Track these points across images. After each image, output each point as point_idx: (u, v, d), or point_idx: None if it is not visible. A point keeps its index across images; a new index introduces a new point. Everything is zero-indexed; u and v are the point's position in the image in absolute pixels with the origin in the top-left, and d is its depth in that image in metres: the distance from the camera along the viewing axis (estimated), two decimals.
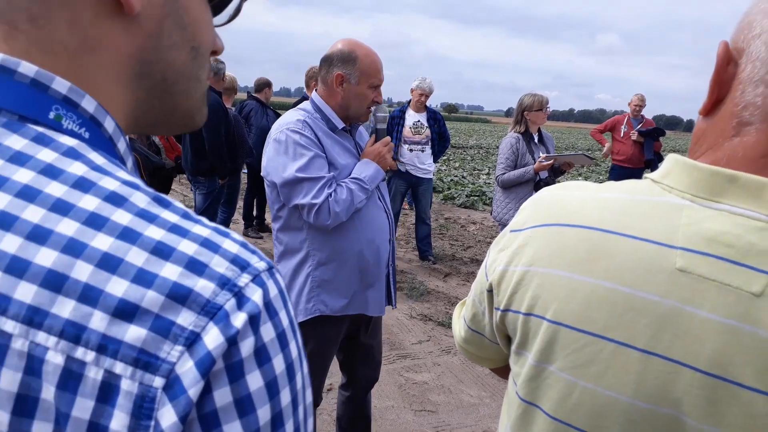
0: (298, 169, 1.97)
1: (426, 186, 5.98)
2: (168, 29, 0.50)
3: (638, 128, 7.13)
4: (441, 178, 12.85)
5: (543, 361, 0.73)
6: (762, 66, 0.62)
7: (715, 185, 0.64)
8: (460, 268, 6.17)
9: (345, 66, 2.07)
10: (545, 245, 0.73)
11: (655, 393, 0.64)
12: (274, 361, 0.41)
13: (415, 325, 4.54)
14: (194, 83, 0.55)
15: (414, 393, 3.48)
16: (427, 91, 5.78)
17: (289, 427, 0.43)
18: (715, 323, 0.61)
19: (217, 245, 0.42)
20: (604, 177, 14.16)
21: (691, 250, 0.63)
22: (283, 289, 0.44)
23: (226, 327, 0.39)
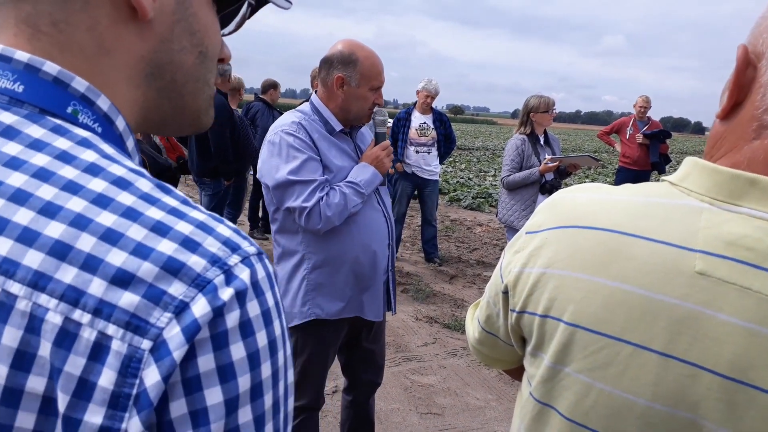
0: (289, 171, 1.95)
1: (432, 188, 5.97)
2: (178, 34, 0.55)
3: (644, 130, 7.10)
4: (447, 179, 12.84)
5: (559, 362, 0.73)
6: None
7: (735, 188, 0.63)
8: (466, 270, 6.16)
9: (345, 68, 2.05)
10: (562, 247, 0.73)
11: (673, 396, 0.64)
12: (257, 335, 0.45)
13: (420, 327, 4.53)
14: (202, 85, 0.59)
15: (420, 396, 3.47)
16: (433, 92, 5.77)
17: (267, 399, 0.46)
18: (734, 327, 0.60)
19: (212, 228, 0.46)
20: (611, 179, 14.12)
21: (711, 254, 0.62)
22: (271, 274, 0.48)
23: (213, 299, 0.43)
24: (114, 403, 0.40)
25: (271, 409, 0.47)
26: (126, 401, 0.40)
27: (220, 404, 0.43)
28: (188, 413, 0.42)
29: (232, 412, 0.44)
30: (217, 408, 0.43)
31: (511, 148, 4.40)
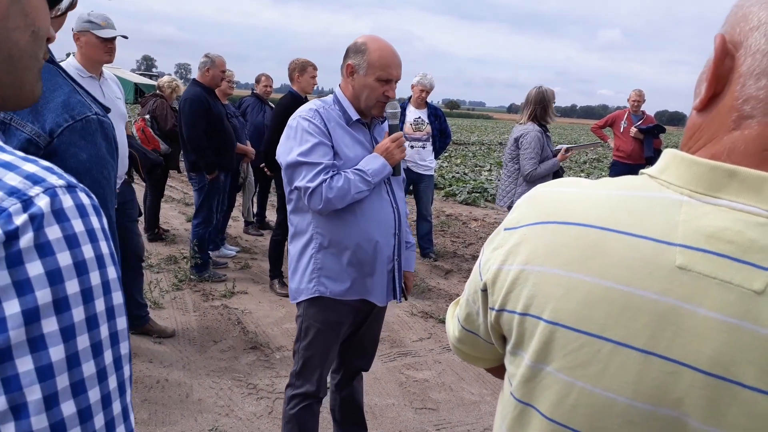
0: (300, 153, 2.07)
1: (427, 183, 5.96)
2: (13, 14, 0.61)
3: (638, 125, 7.09)
4: (442, 174, 12.82)
5: (540, 361, 0.71)
6: (763, 58, 0.61)
7: (714, 180, 0.62)
8: (462, 265, 6.16)
9: (355, 56, 2.15)
10: (541, 243, 0.71)
11: (655, 393, 0.63)
12: (58, 255, 0.50)
13: (416, 322, 4.53)
14: (34, 61, 0.66)
15: (415, 391, 3.47)
16: (428, 87, 5.75)
17: (77, 313, 0.51)
18: (715, 322, 0.59)
19: (16, 166, 0.52)
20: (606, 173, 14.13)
21: (691, 247, 0.61)
22: (85, 204, 0.54)
23: (6, 224, 0.48)
24: None
25: (84, 323, 0.52)
26: None
27: (17, 314, 0.48)
28: None
29: (34, 322, 0.49)
30: (15, 317, 0.48)
31: (533, 140, 4.31)
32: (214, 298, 4.73)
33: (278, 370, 3.58)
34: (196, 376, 3.42)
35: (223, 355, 3.75)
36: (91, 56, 3.21)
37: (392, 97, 2.20)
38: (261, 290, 5.02)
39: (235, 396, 3.24)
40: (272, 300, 4.80)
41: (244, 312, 4.49)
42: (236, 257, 5.90)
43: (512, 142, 4.53)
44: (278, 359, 3.73)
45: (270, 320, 4.37)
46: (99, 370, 0.53)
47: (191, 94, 4.91)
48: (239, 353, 3.79)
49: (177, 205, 8.31)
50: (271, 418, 3.05)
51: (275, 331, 4.19)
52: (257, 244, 6.50)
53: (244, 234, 6.91)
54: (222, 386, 3.34)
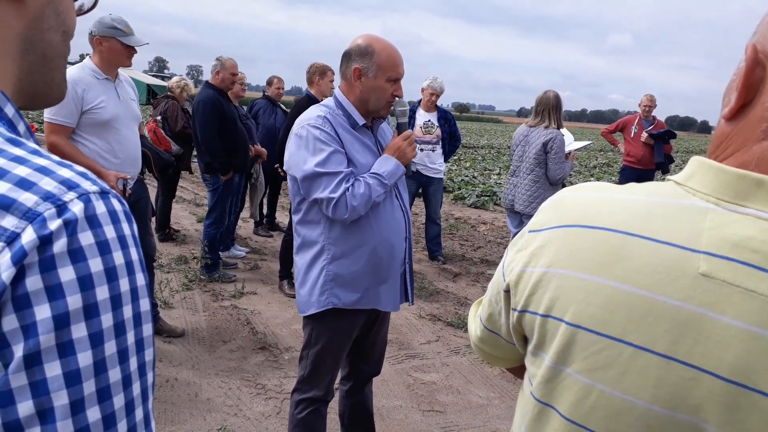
0: (317, 164, 2.01)
1: (436, 186, 5.97)
2: (48, 15, 0.62)
3: (648, 130, 7.06)
4: (451, 177, 12.82)
5: (560, 363, 0.72)
6: None
7: (741, 189, 0.62)
8: (470, 269, 6.16)
9: (362, 60, 2.10)
10: (564, 247, 0.72)
11: (674, 399, 0.63)
12: (90, 261, 0.50)
13: (424, 325, 4.54)
14: (63, 61, 0.67)
15: (422, 393, 3.48)
16: (438, 90, 5.76)
17: (106, 319, 0.51)
18: (738, 330, 0.59)
19: (52, 171, 0.52)
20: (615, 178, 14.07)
21: (715, 255, 0.61)
22: (117, 211, 0.54)
23: (40, 228, 0.48)
24: None
25: (112, 330, 0.52)
26: None
27: (48, 319, 0.48)
28: (19, 327, 0.48)
29: (64, 327, 0.49)
30: (46, 322, 0.48)
31: (561, 144, 4.52)
32: (223, 299, 4.76)
33: (287, 370, 3.60)
34: (205, 376, 3.45)
35: (232, 355, 3.77)
36: (112, 61, 3.26)
37: (401, 96, 2.19)
38: (270, 291, 5.05)
39: (243, 396, 3.27)
40: (281, 301, 4.83)
41: (253, 312, 4.52)
42: (246, 258, 5.94)
43: (539, 146, 4.56)
44: (287, 360, 3.75)
45: (279, 321, 4.40)
46: (124, 377, 0.53)
47: (204, 96, 4.96)
48: (248, 353, 3.81)
49: (188, 205, 8.37)
50: (279, 418, 3.07)
51: (284, 331, 4.21)
52: (267, 245, 6.54)
53: (253, 235, 6.95)
54: (231, 386, 3.36)
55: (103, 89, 3.19)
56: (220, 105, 4.95)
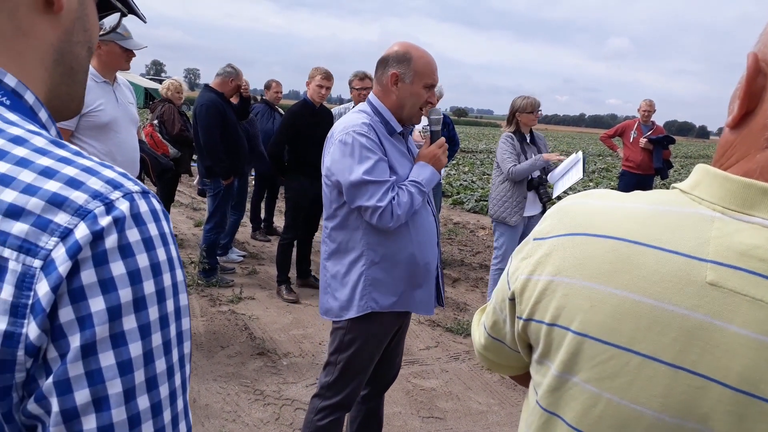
0: (364, 171, 2.02)
1: (435, 191, 5.95)
2: (78, 29, 0.65)
3: (647, 135, 7.07)
4: (450, 182, 12.82)
5: (567, 371, 0.72)
6: None
7: (747, 197, 0.63)
8: (469, 274, 6.14)
9: (400, 65, 2.12)
10: (570, 255, 0.72)
11: (682, 408, 0.63)
12: (137, 256, 0.53)
13: (423, 330, 4.52)
14: (85, 76, 0.70)
15: (422, 399, 3.45)
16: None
17: (153, 312, 0.54)
18: (745, 338, 0.60)
19: (97, 171, 0.54)
20: (614, 183, 14.08)
21: (722, 264, 0.61)
22: (157, 210, 0.56)
23: (92, 224, 0.51)
24: (14, 312, 0.49)
25: (158, 322, 0.54)
26: (24, 310, 0.49)
27: (103, 311, 0.51)
28: (75, 318, 0.50)
29: (116, 319, 0.51)
30: (101, 314, 0.51)
31: (503, 143, 4.54)
32: (221, 303, 4.74)
33: (285, 376, 3.57)
34: (203, 381, 3.43)
35: (230, 360, 3.75)
36: (110, 64, 3.25)
37: (434, 103, 2.21)
38: (268, 296, 5.03)
39: (242, 402, 3.24)
40: (279, 306, 4.80)
41: (251, 318, 4.50)
42: (243, 263, 5.91)
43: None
44: (285, 366, 3.73)
45: (277, 326, 4.38)
46: (168, 367, 0.56)
47: (207, 99, 4.92)
48: (246, 359, 3.79)
49: (185, 209, 8.35)
50: (278, 424, 3.04)
51: (282, 337, 4.19)
52: (264, 250, 6.51)
53: (251, 239, 6.93)
54: (229, 392, 3.34)
55: (102, 92, 3.18)
56: (223, 109, 4.94)
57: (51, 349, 0.50)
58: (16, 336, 0.49)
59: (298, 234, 5.01)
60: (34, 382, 0.51)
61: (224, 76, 5.05)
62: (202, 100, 4.96)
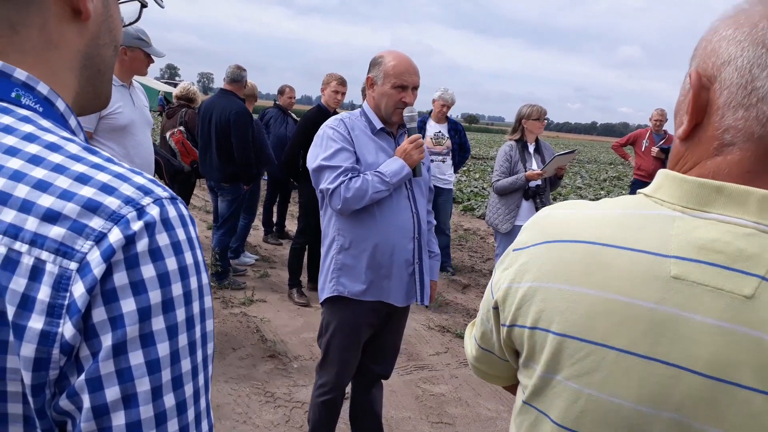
0: (323, 158, 2.22)
1: (446, 197, 5.97)
2: (104, 32, 0.67)
3: (659, 144, 7.05)
4: (461, 188, 12.82)
5: (550, 371, 0.76)
6: (738, 91, 0.67)
7: (703, 196, 0.68)
8: (479, 280, 6.15)
9: (373, 69, 2.32)
10: (546, 261, 0.77)
11: (657, 397, 0.67)
12: (167, 260, 0.55)
13: (433, 336, 4.53)
14: (111, 73, 0.72)
15: (431, 405, 3.47)
16: (449, 102, 5.78)
17: (180, 313, 0.56)
18: (710, 327, 0.64)
19: (128, 178, 0.56)
20: (626, 191, 14.02)
21: (684, 258, 0.66)
22: (185, 215, 0.58)
23: (125, 229, 0.53)
24: (51, 312, 0.51)
25: (184, 323, 0.56)
26: (60, 310, 0.51)
27: (134, 312, 0.53)
28: (107, 319, 0.52)
29: (146, 319, 0.53)
30: (132, 314, 0.53)
31: (500, 155, 4.59)
32: (233, 306, 4.77)
33: (296, 379, 3.60)
34: (215, 383, 3.46)
35: (242, 362, 3.78)
36: (132, 69, 3.36)
37: (409, 103, 2.29)
38: (279, 299, 5.06)
39: (252, 404, 3.27)
40: (290, 309, 4.83)
41: (262, 320, 4.53)
42: (255, 265, 5.95)
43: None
44: (296, 368, 3.75)
45: (288, 329, 4.40)
46: (193, 367, 0.57)
47: (240, 107, 4.91)
48: (257, 361, 3.82)
49: (198, 212, 8.41)
50: (288, 426, 3.06)
51: (293, 340, 4.21)
52: (276, 253, 6.55)
53: (263, 243, 6.97)
54: (240, 393, 3.36)
55: (120, 95, 3.24)
56: (250, 116, 5.01)
57: (83, 348, 0.52)
58: (52, 335, 0.51)
59: (310, 239, 5.04)
60: (66, 379, 0.53)
61: (241, 81, 5.09)
62: (235, 106, 4.90)
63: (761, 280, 0.63)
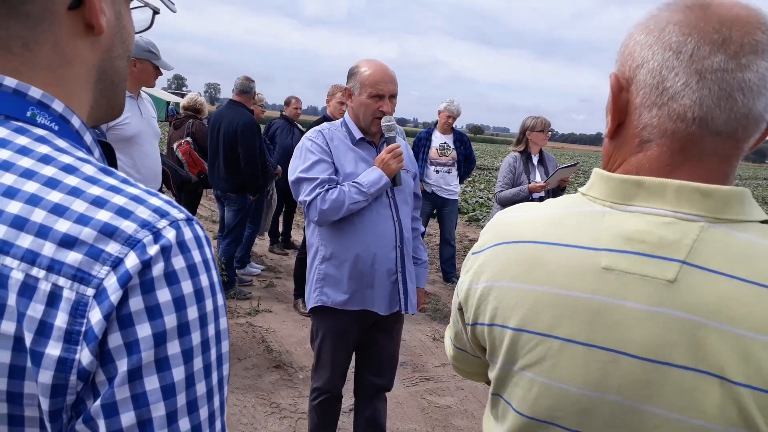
0: (301, 170, 2.25)
1: (451, 207, 5.97)
2: (116, 44, 0.67)
3: None
4: (466, 199, 12.82)
5: (508, 363, 0.82)
6: (651, 91, 0.73)
7: (626, 191, 0.74)
8: None
9: (350, 80, 2.33)
10: (497, 262, 0.83)
11: (599, 382, 0.72)
12: (182, 283, 0.54)
13: (438, 347, 4.51)
14: (125, 83, 0.72)
15: (437, 417, 3.45)
16: (455, 113, 5.80)
17: (195, 337, 0.55)
18: (640, 312, 0.70)
19: (144, 200, 0.56)
20: None
21: (613, 250, 0.72)
22: (201, 237, 0.58)
23: (141, 254, 0.52)
24: (68, 338, 0.51)
25: (200, 346, 0.56)
26: (77, 337, 0.51)
27: (149, 337, 0.52)
28: (123, 344, 0.52)
29: (161, 344, 0.53)
30: (147, 340, 0.52)
31: (504, 166, 4.61)
32: (239, 316, 4.77)
33: (301, 389, 3.59)
34: None
35: (248, 373, 3.78)
36: (141, 80, 3.40)
37: (387, 112, 2.29)
38: (285, 309, 5.06)
39: (258, 414, 3.26)
40: (296, 319, 4.83)
41: (268, 330, 4.53)
42: (261, 276, 5.96)
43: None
44: (301, 379, 3.74)
45: (294, 340, 4.40)
46: (208, 390, 0.57)
47: (249, 118, 4.94)
48: (263, 371, 3.81)
49: (204, 222, 8.43)
50: None
51: (299, 350, 4.21)
52: (282, 263, 6.56)
53: (269, 252, 6.98)
54: (246, 404, 3.36)
55: (128, 106, 3.26)
56: (258, 127, 5.05)
57: (99, 373, 0.52)
58: (69, 362, 0.51)
59: None
60: (82, 403, 0.52)
61: (250, 93, 5.12)
62: (244, 118, 4.94)
63: (682, 264, 0.69)
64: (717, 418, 0.66)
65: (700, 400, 0.66)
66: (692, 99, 0.70)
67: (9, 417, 0.53)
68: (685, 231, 0.69)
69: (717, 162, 0.72)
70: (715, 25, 0.69)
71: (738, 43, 0.68)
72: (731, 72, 0.68)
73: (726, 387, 0.65)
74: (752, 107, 0.69)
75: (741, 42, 0.68)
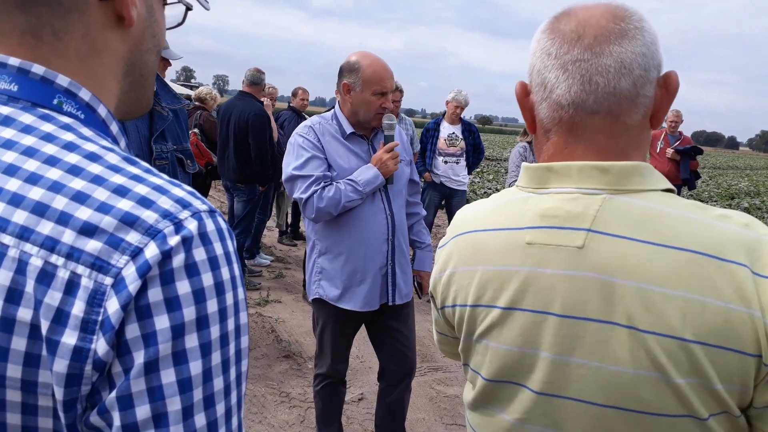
0: (294, 167, 2.26)
1: (460, 198, 5.97)
2: (147, 37, 0.67)
3: (675, 146, 6.99)
4: (474, 190, 12.80)
5: (469, 335, 0.94)
6: (539, 89, 0.87)
7: (541, 177, 0.86)
8: None
9: (350, 75, 2.28)
10: (455, 252, 0.97)
11: (533, 340, 0.84)
12: (203, 276, 0.54)
13: None
14: (153, 78, 0.72)
15: (445, 406, 3.48)
16: (463, 103, 5.78)
17: (214, 331, 0.54)
18: (559, 276, 0.81)
19: (167, 190, 0.55)
20: None
21: (533, 227, 0.84)
22: (223, 229, 0.57)
23: (162, 244, 0.52)
24: (84, 327, 0.50)
25: (218, 341, 0.55)
26: (94, 326, 0.50)
27: (167, 329, 0.51)
28: (140, 335, 0.51)
29: (179, 337, 0.52)
30: (165, 332, 0.51)
31: (514, 156, 4.68)
32: (248, 306, 4.79)
33: (310, 379, 3.62)
34: None
35: (257, 362, 3.82)
36: None
37: (389, 108, 2.30)
38: (294, 300, 5.10)
39: (268, 403, 3.30)
40: (305, 310, 4.86)
41: (277, 320, 4.57)
42: (270, 266, 6.00)
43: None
44: (310, 369, 3.77)
45: (303, 330, 4.44)
46: (225, 386, 0.56)
47: (258, 109, 4.98)
48: (273, 361, 3.85)
49: None
50: (303, 426, 3.09)
51: (308, 340, 4.24)
52: (291, 254, 6.59)
53: (278, 243, 7.02)
54: (255, 393, 3.40)
55: None
56: (268, 118, 5.07)
57: (116, 364, 0.51)
58: (85, 351, 0.50)
59: None
60: (97, 394, 0.52)
61: (260, 84, 5.14)
62: (253, 108, 4.97)
63: (588, 232, 0.79)
64: (630, 363, 0.76)
65: (614, 349, 0.77)
66: (563, 88, 0.83)
67: (22, 405, 0.52)
68: (589, 204, 0.81)
69: (606, 138, 0.83)
70: (572, 26, 0.83)
71: (591, 37, 0.81)
72: (587, 61, 0.81)
73: (634, 335, 0.75)
74: (616, 86, 0.80)
75: (594, 35, 0.81)
